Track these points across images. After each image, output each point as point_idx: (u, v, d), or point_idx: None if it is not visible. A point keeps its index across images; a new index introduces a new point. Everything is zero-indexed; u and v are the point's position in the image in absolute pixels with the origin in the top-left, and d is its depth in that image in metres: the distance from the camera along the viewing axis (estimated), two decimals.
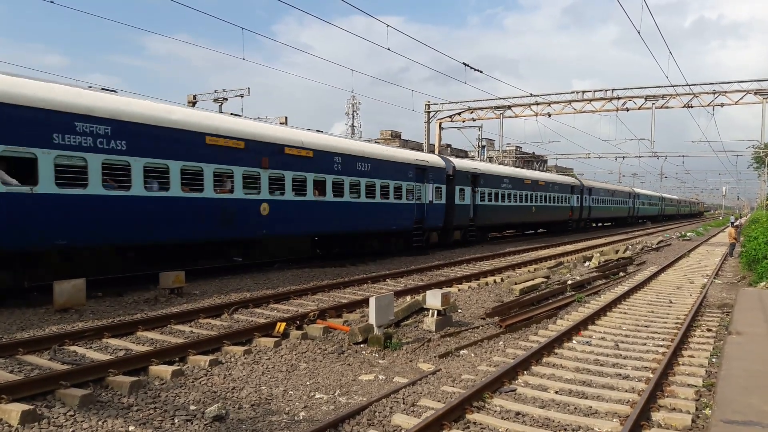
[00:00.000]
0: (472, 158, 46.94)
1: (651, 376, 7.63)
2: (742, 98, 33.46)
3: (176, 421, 6.01)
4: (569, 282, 16.09)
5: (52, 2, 14.86)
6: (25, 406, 5.86)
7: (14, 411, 5.73)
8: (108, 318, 10.40)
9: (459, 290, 14.90)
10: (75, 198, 11.59)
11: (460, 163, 27.83)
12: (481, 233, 30.28)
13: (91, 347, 8.52)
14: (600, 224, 55.41)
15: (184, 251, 14.95)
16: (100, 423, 5.84)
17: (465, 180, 26.93)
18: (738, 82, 33.66)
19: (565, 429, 6.02)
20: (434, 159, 25.36)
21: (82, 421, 5.86)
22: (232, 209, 14.96)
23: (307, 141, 17.69)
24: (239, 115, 18.48)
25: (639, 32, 17.35)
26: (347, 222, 19.38)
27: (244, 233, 15.63)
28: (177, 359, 8.00)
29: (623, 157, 54.87)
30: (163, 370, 7.42)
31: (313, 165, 17.58)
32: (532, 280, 16.13)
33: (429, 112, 40.95)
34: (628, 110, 36.31)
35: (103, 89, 13.29)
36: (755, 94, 33.12)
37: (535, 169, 52.90)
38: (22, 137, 10.74)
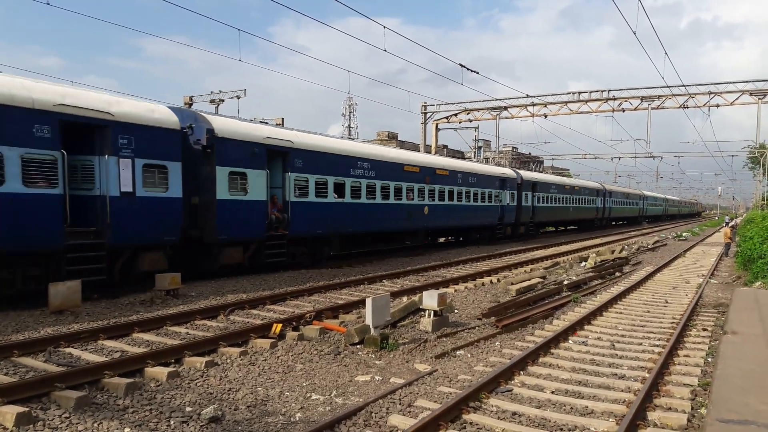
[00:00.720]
0: (469, 159, 47.46)
1: (647, 375, 7.65)
2: (737, 99, 33.64)
3: (172, 422, 5.99)
4: (565, 282, 16.11)
5: (48, 4, 14.83)
6: (21, 408, 5.84)
7: (9, 413, 5.71)
8: (104, 319, 10.37)
9: (455, 291, 14.90)
10: (357, 205, 19.97)
11: (525, 174, 35.96)
12: (536, 229, 38.32)
13: (86, 349, 8.50)
14: (614, 222, 61.62)
15: (388, 237, 23.47)
16: (95, 425, 5.83)
17: (528, 187, 34.71)
18: (733, 82, 33.87)
19: (562, 429, 6.02)
20: (510, 172, 33.96)
21: (77, 423, 5.84)
22: (412, 210, 23.43)
23: (446, 164, 26.95)
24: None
25: (635, 33, 17.43)
26: (463, 218, 27.88)
27: (416, 226, 24.16)
28: (173, 361, 7.98)
29: (619, 158, 55.15)
30: (159, 372, 7.41)
31: (448, 180, 26.16)
32: (529, 280, 16.15)
33: (426, 114, 41.03)
34: (623, 111, 36.49)
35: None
36: (750, 94, 33.29)
37: (531, 170, 54.36)
38: (341, 172, 19.07)
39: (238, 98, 43.46)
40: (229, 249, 15.25)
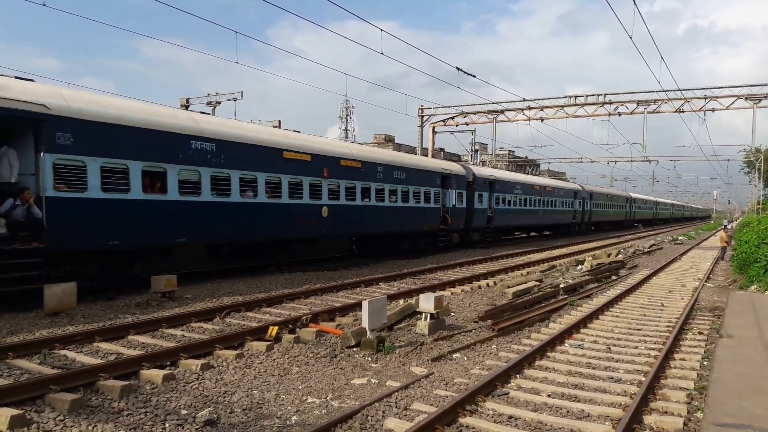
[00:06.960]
0: (466, 162, 47.92)
1: (643, 379, 7.65)
2: (733, 103, 33.70)
3: (167, 425, 5.97)
4: (562, 285, 16.11)
5: (44, 5, 14.81)
6: (15, 411, 5.81)
7: (3, 416, 5.67)
8: (99, 322, 10.34)
9: (452, 294, 14.90)
10: (517, 209, 35.09)
11: (586, 186, 51.23)
12: (590, 227, 52.71)
13: (81, 351, 8.46)
14: (635, 224, 73.79)
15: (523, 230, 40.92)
16: (90, 428, 5.80)
17: (588, 196, 49.30)
18: (729, 87, 33.90)
19: None
20: (579, 186, 49.12)
21: (71, 426, 5.81)
22: (536, 213, 37.99)
23: (550, 183, 42.13)
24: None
25: (631, 38, 17.47)
26: (556, 219, 42.84)
27: (536, 223, 39.81)
28: (168, 363, 7.94)
29: (615, 162, 55.38)
30: (155, 375, 7.37)
31: (551, 194, 40.63)
32: (525, 283, 16.15)
33: (422, 116, 41.03)
34: (620, 115, 36.49)
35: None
36: (746, 99, 33.36)
37: (527, 173, 55.82)
38: (510, 191, 33.99)
39: (235, 100, 43.49)
40: (474, 234, 29.89)
